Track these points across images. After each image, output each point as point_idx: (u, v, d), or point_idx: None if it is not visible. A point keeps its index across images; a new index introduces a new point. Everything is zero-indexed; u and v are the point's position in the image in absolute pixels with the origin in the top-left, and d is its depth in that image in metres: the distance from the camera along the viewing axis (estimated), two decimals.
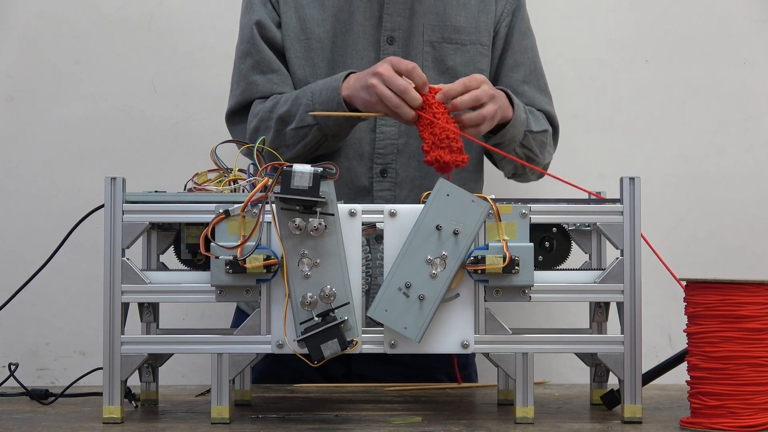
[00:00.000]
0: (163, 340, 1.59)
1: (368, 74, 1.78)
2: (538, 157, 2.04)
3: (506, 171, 2.11)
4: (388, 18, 2.02)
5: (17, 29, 2.53)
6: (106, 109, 2.53)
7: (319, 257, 1.48)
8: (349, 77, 1.86)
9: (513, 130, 1.93)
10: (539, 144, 2.03)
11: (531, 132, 2.00)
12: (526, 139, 1.99)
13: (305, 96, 1.91)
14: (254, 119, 1.99)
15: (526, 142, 1.99)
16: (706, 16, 2.55)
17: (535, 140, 2.01)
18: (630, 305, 1.54)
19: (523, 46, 2.10)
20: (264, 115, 1.97)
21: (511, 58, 2.09)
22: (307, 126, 1.90)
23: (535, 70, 2.11)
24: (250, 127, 2.00)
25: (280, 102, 1.96)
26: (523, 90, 2.08)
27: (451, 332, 1.52)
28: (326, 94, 1.87)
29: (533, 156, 2.03)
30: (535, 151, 2.02)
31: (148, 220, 1.54)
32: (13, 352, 2.45)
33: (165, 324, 1.78)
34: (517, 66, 2.09)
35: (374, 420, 1.57)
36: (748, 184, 2.55)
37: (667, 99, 2.56)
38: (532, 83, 2.10)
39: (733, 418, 1.45)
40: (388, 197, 2.01)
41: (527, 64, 2.10)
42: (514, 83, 2.08)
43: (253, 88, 2.02)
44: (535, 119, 2.03)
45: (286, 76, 2.03)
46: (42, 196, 2.52)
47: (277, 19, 2.05)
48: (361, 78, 1.81)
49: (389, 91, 1.73)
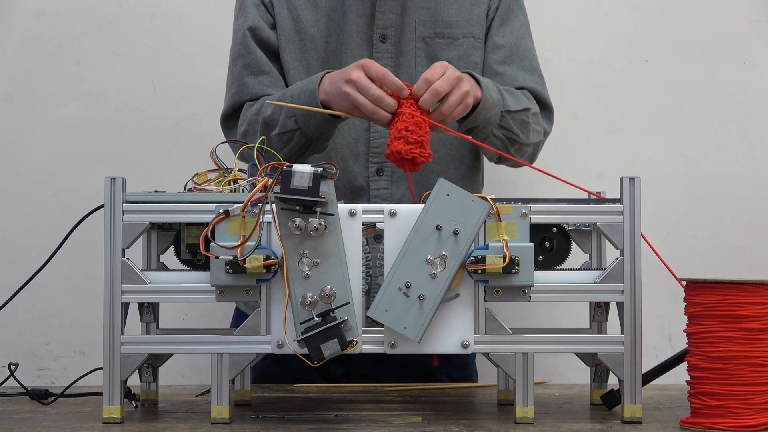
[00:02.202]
0: (163, 340, 1.59)
1: (342, 81, 1.76)
2: (520, 137, 1.97)
3: (489, 156, 2.06)
4: (380, 16, 2.02)
5: (17, 29, 2.53)
6: (106, 109, 2.53)
7: (319, 257, 1.48)
8: (324, 80, 1.84)
9: (485, 112, 1.88)
10: (520, 123, 1.96)
11: (509, 112, 1.93)
12: (504, 120, 1.93)
13: (285, 100, 1.89)
14: (244, 123, 1.99)
15: (504, 123, 1.93)
16: (706, 16, 2.55)
17: (515, 120, 1.95)
18: (630, 305, 1.54)
19: (504, 30, 2.07)
20: (251, 119, 1.97)
21: (490, 41, 2.07)
22: (290, 131, 1.90)
23: (517, 51, 2.07)
24: (239, 131, 1.99)
25: (265, 105, 1.95)
26: (503, 70, 2.05)
27: (451, 332, 1.52)
28: (304, 97, 1.85)
29: (514, 137, 1.96)
30: (515, 131, 1.95)
31: (148, 220, 1.54)
32: (13, 352, 2.45)
33: (165, 324, 1.78)
34: (496, 48, 2.06)
35: (374, 420, 1.57)
36: (748, 184, 2.55)
37: (667, 99, 2.56)
38: (514, 63, 2.06)
39: (733, 418, 1.45)
40: (384, 196, 2.01)
41: (507, 46, 2.06)
42: (494, 64, 2.06)
43: (244, 89, 2.02)
44: (513, 98, 1.97)
45: (277, 77, 2.03)
46: (42, 196, 2.52)
47: (271, 20, 2.05)
48: (335, 82, 1.79)
49: (364, 98, 1.73)
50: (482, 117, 1.89)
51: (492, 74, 2.02)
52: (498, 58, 2.06)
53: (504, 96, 1.94)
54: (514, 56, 2.07)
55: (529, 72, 2.07)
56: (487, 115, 1.90)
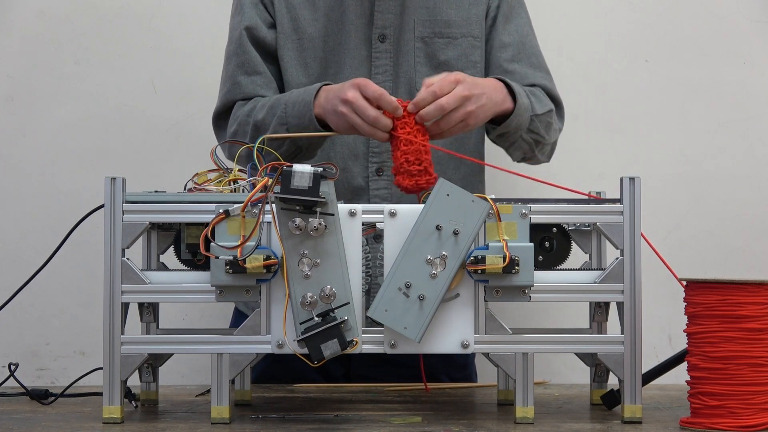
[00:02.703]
0: (163, 340, 1.59)
1: (337, 100, 1.75)
2: (545, 138, 2.00)
3: (515, 157, 2.07)
4: (379, 15, 2.02)
5: (17, 29, 2.53)
6: (106, 109, 2.53)
7: (319, 257, 1.48)
8: (320, 94, 1.84)
9: (518, 118, 1.91)
10: (545, 125, 1.99)
11: (536, 116, 1.96)
12: (533, 124, 1.96)
13: (279, 106, 1.90)
14: (234, 123, 1.98)
15: (532, 126, 1.96)
16: (706, 16, 2.55)
17: (541, 122, 1.98)
18: (630, 305, 1.54)
19: (508, 28, 2.08)
20: (242, 119, 1.97)
21: (497, 39, 2.07)
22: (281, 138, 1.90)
23: (524, 48, 2.08)
24: (230, 131, 1.99)
25: (257, 107, 1.95)
26: (514, 68, 2.05)
27: (451, 332, 1.52)
28: (298, 108, 1.86)
29: (540, 138, 1.99)
30: (541, 133, 1.99)
31: (148, 220, 1.54)
32: (13, 352, 2.45)
33: (165, 324, 1.78)
34: (503, 46, 2.07)
35: (374, 420, 1.57)
36: (748, 184, 2.55)
37: (667, 99, 2.56)
38: (523, 61, 2.07)
39: (733, 418, 1.45)
40: (384, 195, 2.01)
41: (514, 44, 2.07)
42: (504, 63, 2.06)
43: (237, 88, 2.02)
44: (537, 101, 1.99)
45: (270, 79, 2.03)
46: (42, 196, 2.52)
47: (269, 19, 2.05)
48: (330, 99, 1.79)
49: (360, 120, 1.72)
50: (515, 123, 1.91)
51: (502, 72, 2.02)
52: (507, 57, 2.06)
53: (531, 99, 1.96)
54: (522, 54, 2.07)
55: (537, 69, 2.08)
56: (520, 121, 1.92)
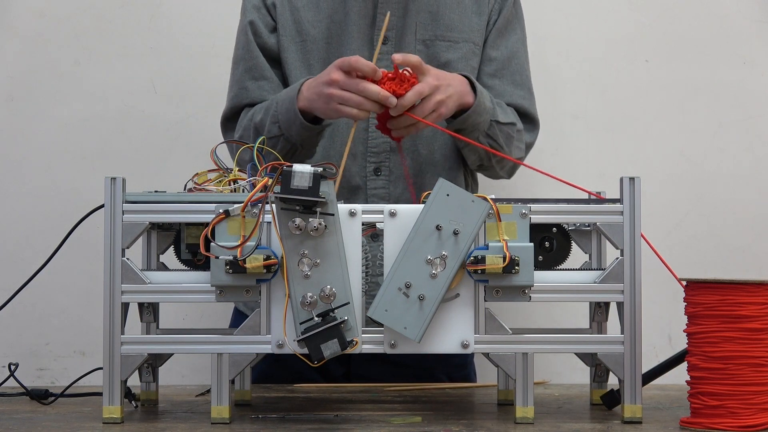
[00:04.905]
0: (163, 340, 1.59)
1: (322, 85, 1.81)
2: (503, 149, 2.00)
3: (470, 161, 2.07)
4: (382, 17, 2.02)
5: (17, 29, 2.53)
6: (106, 109, 2.53)
7: (319, 257, 1.48)
8: (302, 88, 1.88)
9: (475, 116, 1.91)
10: (505, 136, 1.99)
11: (497, 122, 1.97)
12: (492, 129, 1.96)
13: (272, 106, 1.94)
14: (240, 129, 2.03)
15: (491, 132, 1.96)
16: (706, 16, 2.56)
17: (501, 132, 1.98)
18: (630, 305, 1.54)
19: (498, 42, 2.09)
20: (246, 124, 2.01)
21: (485, 53, 2.09)
22: (275, 137, 1.92)
23: (509, 66, 2.09)
24: (236, 136, 2.03)
25: (257, 110, 1.99)
26: (493, 83, 2.07)
27: (451, 332, 1.52)
28: (285, 104, 1.90)
29: (498, 147, 1.98)
30: (500, 142, 1.99)
31: (148, 220, 1.54)
32: (13, 352, 2.45)
33: (165, 324, 1.78)
34: (489, 60, 2.09)
35: (374, 420, 1.57)
36: (748, 184, 2.55)
37: (667, 99, 2.56)
38: (505, 78, 2.08)
39: (733, 418, 1.45)
40: (382, 195, 2.02)
41: (500, 59, 2.08)
42: (485, 76, 2.08)
43: (244, 93, 2.04)
44: (502, 111, 2.00)
45: (277, 84, 2.05)
46: (42, 196, 2.52)
47: (271, 24, 2.06)
48: (314, 87, 1.84)
49: (349, 93, 1.77)
50: (472, 121, 1.91)
51: (482, 86, 2.02)
52: (489, 71, 2.08)
53: (495, 106, 1.97)
54: (506, 70, 2.09)
55: (518, 87, 2.09)
56: (477, 120, 1.92)
